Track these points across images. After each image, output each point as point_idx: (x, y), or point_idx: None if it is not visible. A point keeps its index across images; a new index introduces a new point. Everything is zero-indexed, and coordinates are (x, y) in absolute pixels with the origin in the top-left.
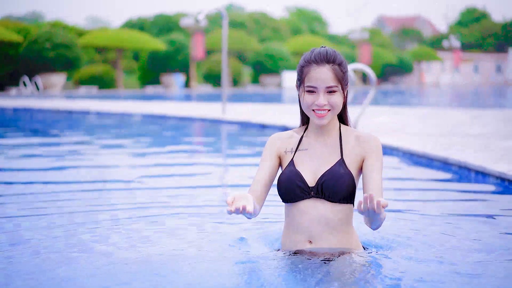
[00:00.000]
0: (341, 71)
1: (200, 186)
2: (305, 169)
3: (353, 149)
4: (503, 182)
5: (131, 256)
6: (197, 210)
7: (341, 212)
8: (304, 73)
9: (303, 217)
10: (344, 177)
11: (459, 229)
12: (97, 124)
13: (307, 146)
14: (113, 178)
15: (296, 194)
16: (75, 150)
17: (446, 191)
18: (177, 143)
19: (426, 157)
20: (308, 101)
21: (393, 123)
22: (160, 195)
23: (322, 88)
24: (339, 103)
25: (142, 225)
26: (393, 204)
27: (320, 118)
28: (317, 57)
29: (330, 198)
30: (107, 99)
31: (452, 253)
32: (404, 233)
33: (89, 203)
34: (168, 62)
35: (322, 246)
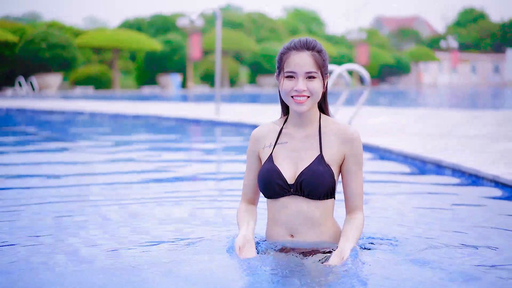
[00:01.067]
0: (321, 58)
1: (186, 185)
2: (284, 164)
3: (333, 143)
4: (496, 185)
5: (120, 260)
6: (183, 209)
7: (321, 207)
8: (283, 59)
9: (284, 212)
10: (324, 175)
11: (446, 230)
12: (90, 124)
13: (286, 139)
14: (100, 179)
15: (276, 191)
16: (65, 150)
17: (437, 194)
18: (169, 144)
19: (419, 159)
20: (287, 87)
21: (388, 124)
22: (146, 197)
23: (302, 73)
24: (319, 90)
25: (128, 229)
26: (383, 206)
27: (299, 105)
28: (297, 44)
29: (310, 196)
30: (102, 99)
31: (435, 252)
32: (390, 233)
33: (75, 205)
34: (165, 62)
35: (303, 239)
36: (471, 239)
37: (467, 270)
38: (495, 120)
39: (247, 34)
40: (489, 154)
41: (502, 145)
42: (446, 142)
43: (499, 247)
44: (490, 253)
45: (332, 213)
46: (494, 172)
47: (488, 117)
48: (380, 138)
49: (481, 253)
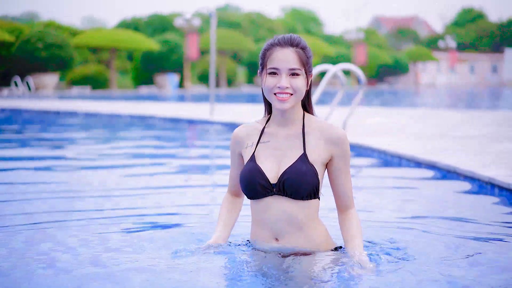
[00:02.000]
0: (305, 55)
1: (174, 187)
2: (266, 164)
3: (317, 143)
4: (492, 188)
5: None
6: (167, 211)
7: (305, 208)
8: (266, 56)
9: (267, 214)
10: (307, 174)
11: (438, 234)
12: (83, 125)
13: (269, 138)
14: (90, 181)
15: (258, 192)
16: (54, 151)
17: (431, 196)
18: (160, 144)
19: (414, 161)
20: (270, 84)
21: (384, 124)
22: (131, 198)
23: (285, 69)
24: (302, 88)
25: (116, 230)
26: (376, 208)
27: (282, 102)
28: (281, 40)
29: (293, 196)
30: (98, 99)
31: (425, 255)
32: (382, 236)
33: (61, 208)
34: (162, 62)
35: (288, 243)
36: (464, 243)
37: (463, 275)
38: (493, 121)
39: (245, 34)
40: (486, 155)
41: (499, 146)
42: (442, 143)
43: (491, 252)
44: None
45: (317, 214)
46: (490, 174)
47: (486, 118)
48: (375, 139)
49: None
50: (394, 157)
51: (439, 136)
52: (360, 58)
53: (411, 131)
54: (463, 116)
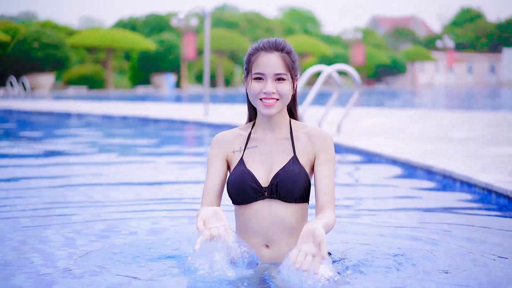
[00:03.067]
0: (290, 60)
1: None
2: (256, 168)
3: (305, 146)
4: (489, 194)
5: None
6: (152, 214)
7: (297, 212)
8: (251, 61)
9: (258, 220)
10: (299, 176)
11: (432, 240)
12: (75, 126)
13: (256, 143)
14: (77, 182)
15: (249, 195)
16: (43, 153)
17: (426, 202)
18: (151, 146)
19: (409, 164)
20: (256, 89)
21: (380, 126)
22: (124, 200)
23: (271, 75)
24: (288, 93)
25: (106, 231)
26: (369, 212)
27: (268, 107)
28: (266, 44)
29: (285, 198)
30: (94, 100)
31: (421, 263)
32: (372, 242)
33: (46, 211)
34: (159, 62)
35: (280, 249)
36: (459, 251)
37: (458, 283)
38: (490, 122)
39: (242, 34)
40: (483, 159)
41: (496, 149)
42: (439, 146)
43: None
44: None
45: (307, 219)
46: (487, 180)
47: (483, 119)
48: (370, 141)
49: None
50: (388, 160)
51: (436, 138)
52: (358, 58)
53: (407, 133)
54: (460, 117)
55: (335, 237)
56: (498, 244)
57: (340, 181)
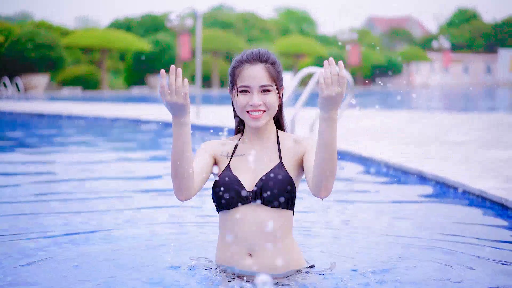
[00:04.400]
0: (275, 71)
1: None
2: (243, 174)
3: (291, 151)
4: (484, 202)
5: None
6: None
7: (281, 219)
8: (236, 74)
9: (241, 226)
10: (284, 181)
11: (423, 249)
12: (64, 127)
13: (243, 152)
14: (63, 182)
15: (234, 200)
16: (31, 155)
17: (416, 210)
18: (140, 148)
19: (401, 169)
20: (242, 102)
21: (372, 128)
22: (99, 204)
23: (256, 87)
24: (275, 104)
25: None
26: (359, 221)
27: (255, 120)
28: (250, 56)
29: (269, 203)
30: (87, 101)
31: (410, 272)
32: (365, 254)
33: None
34: (154, 62)
35: (262, 258)
36: (451, 260)
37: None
38: (485, 124)
39: (238, 34)
40: (477, 164)
41: (490, 153)
42: (432, 149)
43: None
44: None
45: (291, 229)
46: (481, 186)
47: (478, 121)
48: (362, 144)
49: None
50: (380, 165)
51: (430, 142)
52: (353, 59)
53: (401, 135)
54: (455, 119)
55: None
56: (490, 253)
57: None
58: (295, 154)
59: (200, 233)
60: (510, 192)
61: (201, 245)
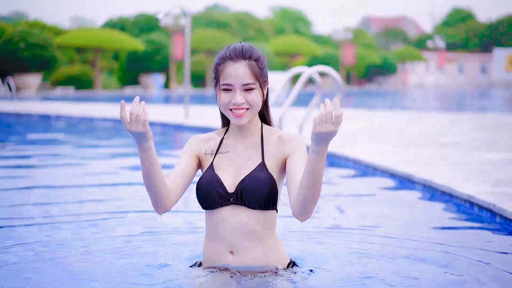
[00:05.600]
0: (258, 68)
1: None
2: (225, 173)
3: (274, 151)
4: (471, 207)
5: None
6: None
7: (263, 219)
8: (219, 71)
9: (223, 225)
10: (265, 182)
11: (408, 258)
12: (51, 128)
13: (228, 149)
14: (47, 184)
15: (215, 201)
16: (18, 157)
17: (403, 214)
18: (127, 150)
19: (390, 172)
20: (225, 100)
21: (363, 130)
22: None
23: (238, 85)
24: (258, 101)
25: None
26: (344, 227)
27: (238, 118)
28: (232, 53)
29: (250, 205)
30: (79, 101)
31: (395, 279)
32: (350, 261)
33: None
34: (147, 62)
35: (244, 256)
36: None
37: None
38: (478, 125)
39: (233, 34)
40: (467, 166)
41: (482, 155)
42: (422, 152)
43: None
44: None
45: (275, 228)
46: (470, 191)
47: (471, 121)
48: (351, 146)
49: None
50: (368, 167)
51: (422, 143)
52: (348, 58)
53: (392, 137)
54: (448, 120)
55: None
56: (476, 261)
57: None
58: (278, 153)
59: (191, 230)
60: (497, 197)
61: (192, 241)
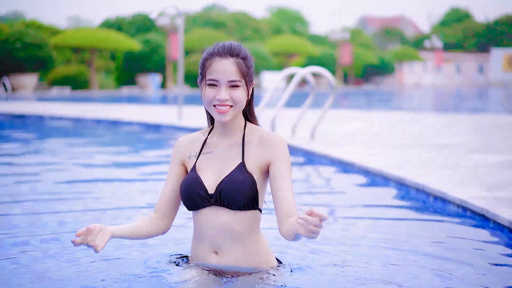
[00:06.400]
0: (245, 66)
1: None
2: (207, 174)
3: (255, 151)
4: (464, 211)
5: None
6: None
7: (244, 220)
8: (206, 66)
9: (206, 226)
10: (244, 183)
11: (393, 263)
12: (43, 129)
13: (211, 149)
14: (36, 187)
15: (196, 202)
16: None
17: (394, 219)
18: (119, 151)
19: (382, 175)
20: (209, 95)
21: (356, 131)
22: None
23: (224, 81)
24: (242, 99)
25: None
26: (331, 231)
27: (221, 114)
28: (221, 49)
29: (230, 206)
30: (75, 101)
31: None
32: (325, 253)
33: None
34: (144, 62)
35: (228, 257)
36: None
37: None
38: (474, 126)
39: (230, 34)
40: (461, 170)
41: (476, 157)
42: (416, 154)
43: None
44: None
45: (258, 227)
46: (462, 196)
47: (467, 123)
48: (344, 148)
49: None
50: (360, 170)
51: (416, 145)
52: (345, 58)
53: (386, 138)
54: (444, 121)
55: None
56: (467, 269)
57: (309, 191)
58: (260, 156)
59: (179, 229)
60: (490, 202)
61: (181, 240)
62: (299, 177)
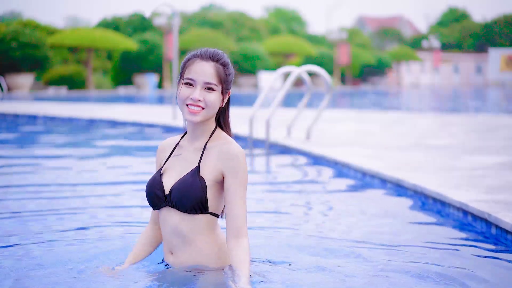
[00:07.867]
0: (224, 73)
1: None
2: (171, 175)
3: (212, 160)
4: (465, 215)
5: None
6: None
7: (193, 222)
8: (186, 66)
9: (163, 226)
10: (194, 186)
11: (393, 269)
12: (35, 129)
13: (181, 151)
14: (27, 188)
15: (155, 202)
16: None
17: (392, 222)
18: (112, 152)
19: (379, 177)
20: (184, 94)
21: (354, 132)
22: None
23: (200, 82)
24: (215, 104)
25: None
26: (328, 232)
27: (192, 114)
28: (203, 53)
29: (179, 208)
30: (70, 101)
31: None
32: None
33: None
34: (140, 62)
35: (179, 258)
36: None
37: None
38: (472, 126)
39: (227, 33)
40: (459, 171)
41: (474, 158)
42: (414, 155)
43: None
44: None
45: (210, 230)
46: (461, 198)
47: (465, 123)
48: (340, 149)
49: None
50: (357, 172)
51: (413, 146)
52: (343, 58)
53: (383, 139)
54: (441, 121)
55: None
56: (468, 274)
57: (304, 192)
58: (216, 166)
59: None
60: (492, 205)
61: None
62: (294, 178)
